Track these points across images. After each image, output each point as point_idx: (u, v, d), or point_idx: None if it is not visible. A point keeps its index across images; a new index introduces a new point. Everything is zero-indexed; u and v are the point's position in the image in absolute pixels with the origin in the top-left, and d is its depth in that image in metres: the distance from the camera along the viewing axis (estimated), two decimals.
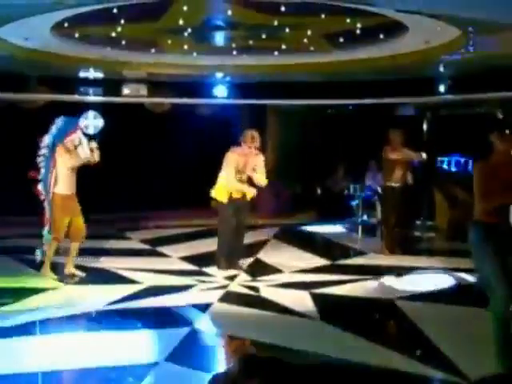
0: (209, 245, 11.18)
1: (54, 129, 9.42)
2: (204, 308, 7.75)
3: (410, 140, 11.48)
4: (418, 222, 13.96)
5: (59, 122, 9.46)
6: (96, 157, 9.57)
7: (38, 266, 9.64)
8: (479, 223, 5.85)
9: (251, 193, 9.87)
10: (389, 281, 9.29)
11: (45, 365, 5.92)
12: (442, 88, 14.20)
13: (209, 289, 8.81)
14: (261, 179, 9.88)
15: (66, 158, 9.21)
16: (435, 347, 6.41)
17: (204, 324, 7.22)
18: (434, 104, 15.21)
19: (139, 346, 6.53)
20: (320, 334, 7.03)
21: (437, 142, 14.95)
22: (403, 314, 7.58)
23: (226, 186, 9.81)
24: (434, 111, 15.76)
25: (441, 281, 9.18)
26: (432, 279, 9.33)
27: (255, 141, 9.70)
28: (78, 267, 9.71)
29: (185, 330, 6.91)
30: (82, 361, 6.04)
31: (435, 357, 6.14)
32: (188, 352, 6.43)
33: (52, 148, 9.32)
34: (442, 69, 13.03)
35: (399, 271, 9.72)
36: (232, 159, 9.79)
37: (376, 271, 9.86)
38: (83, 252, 11.30)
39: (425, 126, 16.00)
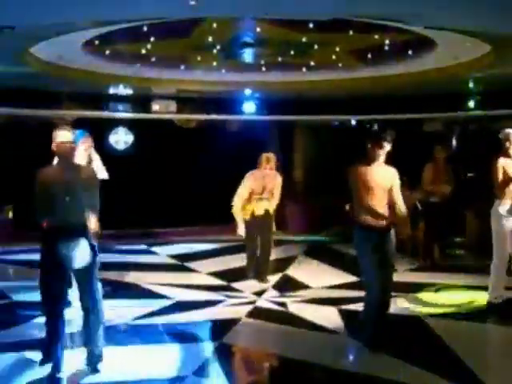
0: (237, 260, 11.24)
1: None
2: (232, 323, 7.77)
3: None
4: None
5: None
6: None
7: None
8: None
9: (272, 208, 10.26)
10: (417, 298, 9.25)
11: (75, 377, 5.97)
12: (471, 103, 14.17)
13: (237, 304, 8.83)
14: (276, 196, 10.30)
15: None
16: (464, 365, 6.37)
17: (232, 339, 7.23)
18: (463, 119, 15.15)
19: (168, 360, 6.55)
20: (348, 350, 7.03)
21: (466, 158, 14.86)
22: (431, 332, 7.54)
23: (250, 204, 10.14)
24: (464, 127, 15.68)
25: (470, 298, 9.10)
26: (461, 296, 9.25)
27: (270, 162, 10.03)
28: (107, 281, 9.81)
29: (213, 345, 6.94)
30: (111, 374, 6.08)
31: (463, 374, 6.10)
32: (216, 366, 6.46)
33: None
34: (471, 84, 13.00)
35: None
36: (247, 184, 10.12)
37: (404, 288, 9.82)
38: (112, 266, 11.43)
39: (454, 142, 15.93)
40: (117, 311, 8.53)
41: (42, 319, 7.66)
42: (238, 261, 11.33)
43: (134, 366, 6.37)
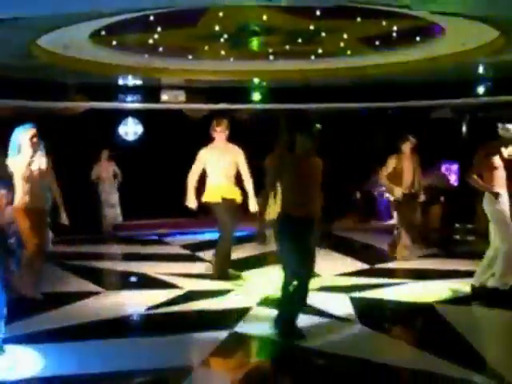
0: (247, 249, 11.26)
1: None
2: (243, 312, 7.77)
3: (447, 143, 11.46)
4: (458, 225, 13.84)
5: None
6: None
7: (80, 271, 9.91)
8: None
9: (239, 197, 9.53)
10: (428, 284, 9.24)
11: (86, 368, 5.99)
12: (480, 90, 14.13)
13: (247, 293, 8.83)
14: (245, 175, 9.49)
15: None
16: (474, 350, 6.36)
17: (243, 328, 7.23)
18: (472, 106, 15.09)
19: (179, 350, 6.56)
20: (359, 337, 7.01)
21: (475, 145, 14.81)
22: (442, 318, 7.52)
23: (215, 187, 9.41)
24: (472, 113, 15.61)
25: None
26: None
27: (220, 124, 9.40)
28: (119, 272, 9.93)
29: (223, 334, 6.95)
30: (121, 364, 6.10)
31: (474, 360, 6.09)
32: (227, 356, 6.47)
33: None
34: (480, 70, 12.96)
35: None
36: (198, 156, 9.52)
37: (415, 275, 9.82)
38: (124, 257, 11.49)
39: (464, 129, 15.87)
40: (129, 301, 8.61)
41: (51, 312, 7.78)
42: (249, 250, 11.36)
43: (145, 355, 6.38)
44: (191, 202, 9.51)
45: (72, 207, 14.09)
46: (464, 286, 8.78)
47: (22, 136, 8.05)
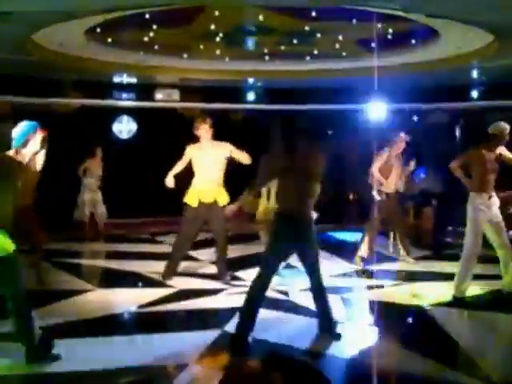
0: (240, 249, 11.26)
1: None
2: (234, 311, 7.77)
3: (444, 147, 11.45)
4: (450, 228, 13.83)
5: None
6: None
7: (72, 269, 9.87)
8: None
9: (223, 198, 9.27)
10: (420, 286, 9.25)
11: (77, 365, 5.99)
12: (476, 94, 14.17)
13: (239, 293, 8.81)
14: (243, 158, 9.28)
15: None
16: (464, 353, 6.39)
17: (234, 327, 7.23)
18: (468, 110, 15.12)
19: (169, 348, 6.56)
20: (350, 338, 7.02)
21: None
22: (434, 320, 7.54)
23: (195, 190, 9.32)
24: (468, 118, 15.63)
25: (472, 287, 9.06)
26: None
27: (205, 123, 9.30)
28: (110, 270, 9.91)
29: (214, 333, 6.95)
30: (112, 362, 6.10)
31: (463, 362, 6.12)
32: (217, 355, 6.47)
33: None
34: (474, 75, 12.99)
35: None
36: (186, 151, 9.44)
37: (408, 277, 9.84)
38: (116, 256, 11.48)
39: (458, 133, 15.90)
40: (120, 300, 8.61)
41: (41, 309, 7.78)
42: (241, 250, 11.37)
43: (135, 353, 6.39)
44: (169, 182, 9.45)
45: (62, 205, 14.21)
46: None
47: (33, 133, 7.97)
